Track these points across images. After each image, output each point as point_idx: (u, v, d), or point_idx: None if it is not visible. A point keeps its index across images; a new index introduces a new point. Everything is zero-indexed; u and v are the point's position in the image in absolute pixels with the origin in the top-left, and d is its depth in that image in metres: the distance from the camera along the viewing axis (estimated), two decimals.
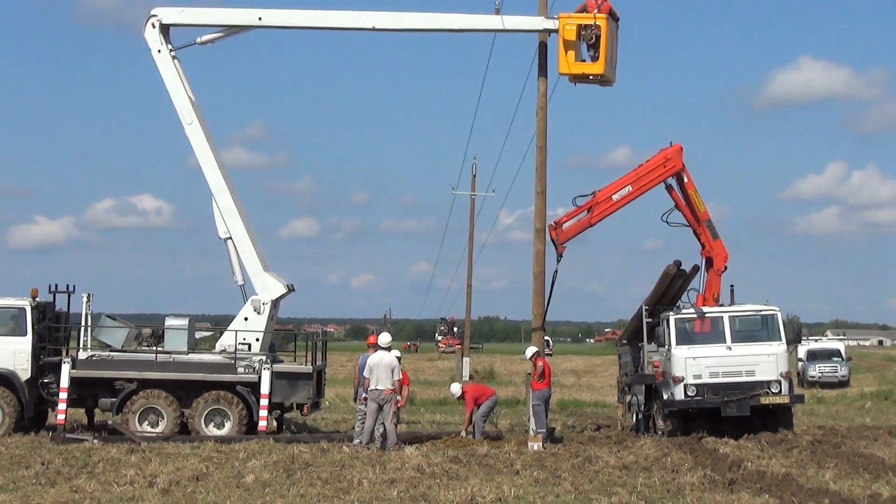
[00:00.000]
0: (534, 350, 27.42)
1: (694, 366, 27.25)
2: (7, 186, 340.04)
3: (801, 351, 61.48)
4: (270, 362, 27.81)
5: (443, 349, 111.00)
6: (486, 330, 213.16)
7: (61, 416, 27.46)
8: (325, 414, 35.77)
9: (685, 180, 28.47)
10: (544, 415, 27.02)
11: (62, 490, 18.49)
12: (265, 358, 27.90)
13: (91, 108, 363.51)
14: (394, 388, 24.95)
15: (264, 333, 28.38)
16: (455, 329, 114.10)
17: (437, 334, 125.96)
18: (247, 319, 28.46)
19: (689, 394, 27.14)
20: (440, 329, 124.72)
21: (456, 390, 28.39)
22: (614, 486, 19.15)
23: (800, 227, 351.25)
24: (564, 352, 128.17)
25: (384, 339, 25.77)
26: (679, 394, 27.21)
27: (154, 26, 28.78)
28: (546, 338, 33.53)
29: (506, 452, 23.92)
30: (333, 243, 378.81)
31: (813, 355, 62.32)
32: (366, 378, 25.13)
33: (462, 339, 76.00)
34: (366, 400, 25.10)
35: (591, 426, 32.73)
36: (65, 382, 27.45)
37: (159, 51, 28.82)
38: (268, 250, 30.10)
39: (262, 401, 27.31)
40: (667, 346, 27.72)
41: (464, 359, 66.59)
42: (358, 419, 25.94)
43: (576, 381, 64.30)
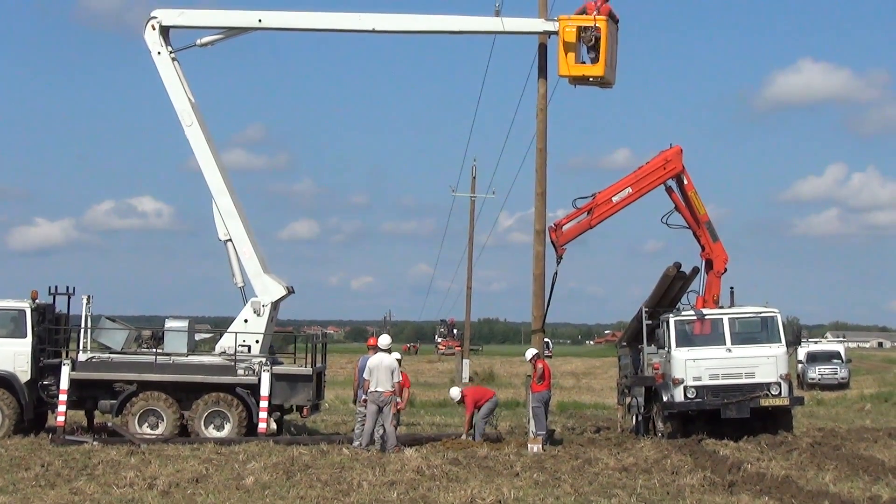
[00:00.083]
0: (533, 352, 27.42)
1: (694, 368, 27.26)
2: (7, 188, 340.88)
3: (801, 353, 61.51)
4: (270, 364, 27.80)
5: (442, 351, 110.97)
6: (486, 332, 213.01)
7: (61, 418, 27.45)
8: (324, 416, 35.77)
9: (685, 182, 28.47)
10: (544, 417, 27.02)
11: (62, 492, 18.47)
12: (265, 360, 27.90)
13: (91, 109, 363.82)
14: (394, 390, 24.95)
15: (264, 335, 28.38)
16: (455, 331, 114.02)
17: (436, 336, 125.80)
18: (246, 321, 28.46)
19: (689, 396, 27.15)
20: (440, 331, 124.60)
21: (455, 394, 28.36)
22: (614, 488, 19.15)
23: (800, 229, 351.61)
24: (564, 354, 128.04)
25: (384, 340, 25.75)
26: (679, 396, 27.21)
27: (154, 28, 28.77)
28: (546, 340, 33.51)
29: (505, 454, 23.91)
30: (333, 245, 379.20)
31: (813, 357, 62.31)
32: (365, 380, 25.13)
33: (462, 341, 75.99)
34: (365, 402, 25.10)
35: (590, 428, 32.73)
36: (64, 384, 27.45)
37: (159, 52, 28.81)
38: (268, 252, 30.13)
39: (261, 403, 27.30)
40: (667, 348, 27.73)
41: (463, 361, 66.63)
42: (358, 421, 25.94)
43: (575, 383, 64.24)
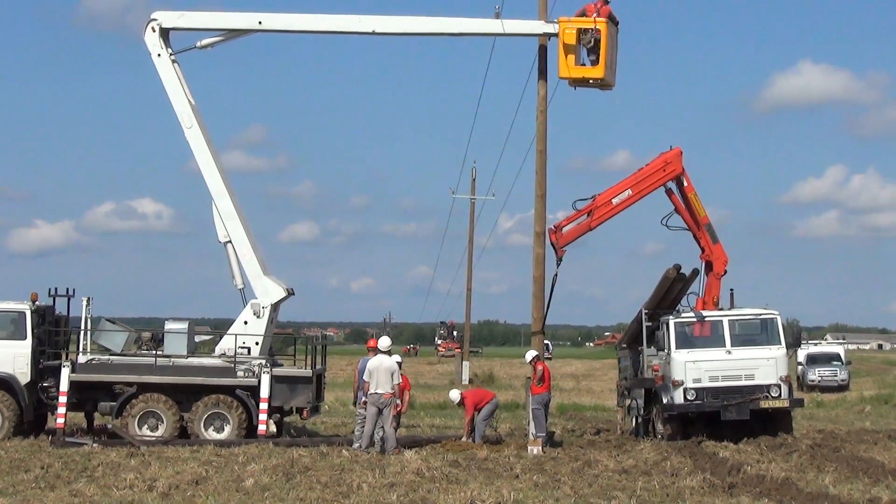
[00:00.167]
0: (533, 354, 27.40)
1: (693, 369, 27.25)
2: (7, 190, 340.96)
3: (801, 355, 61.49)
4: (270, 366, 27.80)
5: (442, 353, 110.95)
6: (486, 334, 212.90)
7: (61, 420, 27.46)
8: (324, 418, 35.77)
9: (685, 184, 28.46)
10: (544, 419, 27.01)
11: (62, 494, 18.47)
12: (265, 362, 27.90)
13: (91, 111, 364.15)
14: (393, 391, 24.95)
15: (264, 337, 28.38)
16: (455, 333, 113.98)
17: (436, 338, 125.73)
18: (246, 323, 28.47)
19: (689, 398, 27.14)
20: (440, 333, 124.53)
21: (455, 396, 28.33)
22: (614, 490, 19.15)
23: (800, 231, 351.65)
24: (564, 355, 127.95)
25: (384, 342, 25.75)
26: (679, 398, 27.20)
27: (154, 30, 28.77)
28: (546, 341, 33.46)
29: (505, 456, 23.91)
30: (333, 247, 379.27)
31: (812, 359, 62.28)
32: (365, 382, 25.13)
33: (462, 343, 76.02)
34: (365, 404, 25.10)
35: (590, 430, 32.73)
36: (64, 386, 27.44)
37: (159, 54, 28.81)
38: (267, 254, 30.13)
39: (261, 404, 27.31)
40: (666, 350, 27.72)
41: (463, 362, 66.68)
42: (357, 423, 25.95)
43: (575, 385, 64.24)
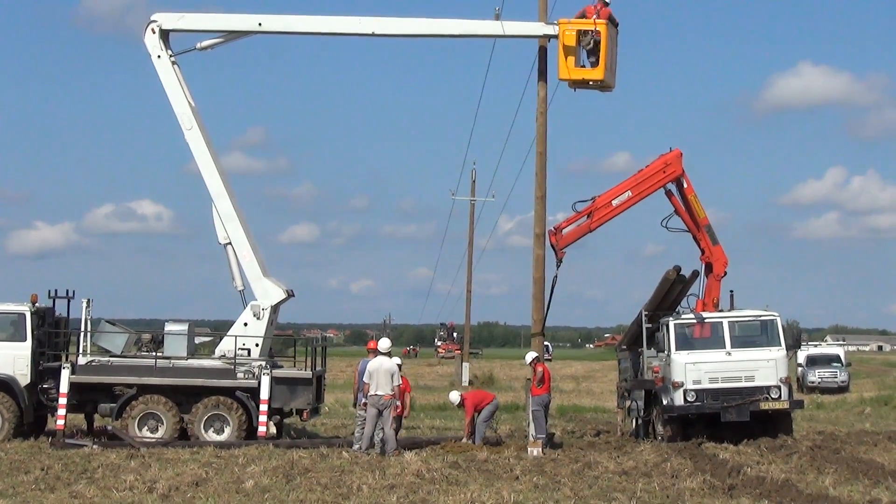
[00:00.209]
0: (533, 355, 27.40)
1: (693, 371, 27.25)
2: (7, 192, 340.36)
3: (801, 356, 61.49)
4: (270, 368, 27.80)
5: (442, 354, 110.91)
6: (486, 335, 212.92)
7: (61, 422, 27.45)
8: (324, 419, 35.77)
9: (685, 185, 28.47)
10: (544, 420, 27.01)
11: (62, 496, 18.49)
12: (265, 363, 27.90)
13: (91, 113, 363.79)
14: (393, 393, 24.96)
15: (264, 339, 28.38)
16: (455, 334, 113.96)
17: (436, 339, 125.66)
18: (246, 325, 28.47)
19: (689, 399, 27.14)
20: (440, 334, 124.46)
21: (455, 398, 28.34)
22: (614, 491, 19.16)
23: (799, 233, 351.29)
24: (564, 357, 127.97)
25: (384, 344, 25.75)
26: (679, 399, 27.20)
27: (154, 32, 28.78)
28: (546, 343, 33.49)
29: (505, 458, 23.91)
30: (333, 248, 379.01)
31: (812, 361, 62.28)
32: (365, 383, 25.13)
33: (462, 345, 76.01)
34: (365, 405, 25.10)
35: (590, 432, 32.73)
36: (64, 388, 27.44)
37: (159, 56, 28.82)
38: (267, 255, 30.10)
39: (261, 406, 27.30)
40: (666, 352, 27.72)
41: (463, 364, 66.65)
42: (357, 424, 25.95)
43: (575, 387, 64.24)
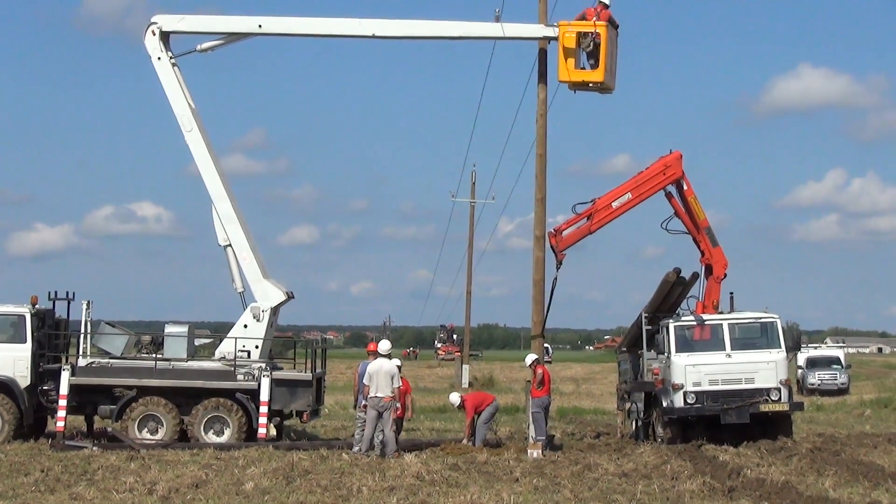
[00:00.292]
0: (533, 357, 27.40)
1: (693, 373, 27.25)
2: (7, 193, 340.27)
3: (801, 358, 61.49)
4: (270, 369, 27.80)
5: (442, 356, 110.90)
6: (486, 337, 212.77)
7: (61, 424, 27.46)
8: (324, 421, 35.76)
9: (685, 188, 28.50)
10: (544, 422, 27.01)
11: (61, 497, 18.48)
12: (265, 365, 27.90)
13: (91, 114, 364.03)
14: (393, 395, 24.95)
15: (264, 340, 28.39)
16: (454, 336, 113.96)
17: (436, 341, 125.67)
18: (246, 327, 28.49)
19: (689, 401, 27.14)
20: (440, 336, 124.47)
21: (455, 399, 28.33)
22: (614, 493, 19.15)
23: (799, 235, 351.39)
24: (564, 359, 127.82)
25: (384, 346, 25.75)
26: (678, 401, 27.20)
27: (154, 34, 28.80)
28: (545, 345, 33.51)
29: (505, 460, 23.90)
30: (333, 250, 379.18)
31: (812, 363, 62.28)
32: (365, 385, 25.13)
33: (461, 347, 75.99)
34: (365, 407, 25.10)
35: (590, 434, 32.72)
36: (64, 389, 27.44)
37: (159, 58, 28.84)
38: (267, 257, 30.10)
39: (261, 408, 27.31)
40: (666, 354, 27.72)
41: (463, 366, 66.66)
42: (357, 426, 25.94)
43: (575, 389, 64.25)
